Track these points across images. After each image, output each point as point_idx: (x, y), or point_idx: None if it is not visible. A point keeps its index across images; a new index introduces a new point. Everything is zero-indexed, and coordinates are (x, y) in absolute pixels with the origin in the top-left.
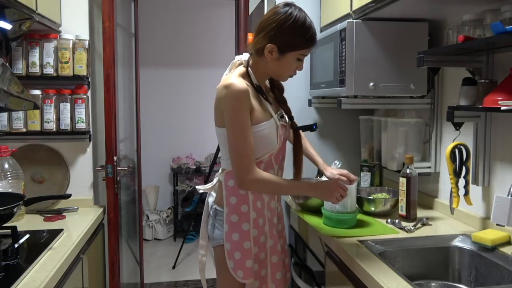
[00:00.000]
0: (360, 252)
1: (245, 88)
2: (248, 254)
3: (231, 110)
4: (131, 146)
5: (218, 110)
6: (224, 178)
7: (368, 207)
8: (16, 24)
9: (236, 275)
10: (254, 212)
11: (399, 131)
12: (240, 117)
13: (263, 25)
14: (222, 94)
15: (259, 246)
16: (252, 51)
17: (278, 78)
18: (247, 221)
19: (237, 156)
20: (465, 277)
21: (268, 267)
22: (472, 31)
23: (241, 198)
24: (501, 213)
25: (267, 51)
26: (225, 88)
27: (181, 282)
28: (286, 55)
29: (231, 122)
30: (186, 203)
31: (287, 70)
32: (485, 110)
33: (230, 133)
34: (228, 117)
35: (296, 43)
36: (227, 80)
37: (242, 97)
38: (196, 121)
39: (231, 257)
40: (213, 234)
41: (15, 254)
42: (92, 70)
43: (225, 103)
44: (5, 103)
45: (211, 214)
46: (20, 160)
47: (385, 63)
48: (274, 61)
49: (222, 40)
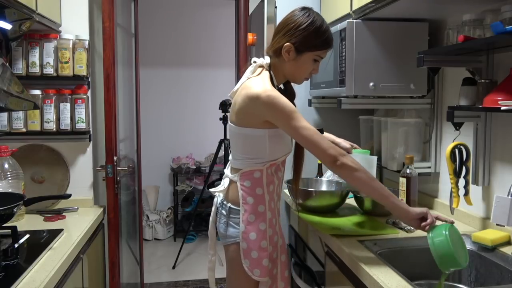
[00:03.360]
0: (360, 252)
1: (279, 94)
2: (264, 253)
3: (287, 111)
4: (131, 146)
5: (251, 114)
6: (239, 178)
7: (368, 207)
8: (16, 24)
9: (252, 274)
10: (269, 212)
11: (399, 131)
12: (296, 113)
13: (281, 26)
14: (264, 102)
15: (273, 245)
16: (270, 52)
17: (294, 80)
18: (263, 221)
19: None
20: (465, 277)
21: (278, 266)
22: (472, 31)
23: (258, 199)
24: (501, 213)
25: (284, 51)
26: (268, 97)
27: (181, 282)
28: (302, 55)
29: (294, 116)
30: (186, 203)
31: (303, 71)
32: (485, 110)
33: (299, 134)
34: (287, 117)
35: (313, 44)
36: (265, 90)
37: (286, 100)
38: (196, 121)
39: (247, 256)
40: (227, 232)
41: (15, 254)
42: (92, 70)
43: (274, 110)
44: (5, 103)
45: (223, 213)
46: (20, 160)
47: (385, 63)
48: (291, 61)
49: (222, 40)
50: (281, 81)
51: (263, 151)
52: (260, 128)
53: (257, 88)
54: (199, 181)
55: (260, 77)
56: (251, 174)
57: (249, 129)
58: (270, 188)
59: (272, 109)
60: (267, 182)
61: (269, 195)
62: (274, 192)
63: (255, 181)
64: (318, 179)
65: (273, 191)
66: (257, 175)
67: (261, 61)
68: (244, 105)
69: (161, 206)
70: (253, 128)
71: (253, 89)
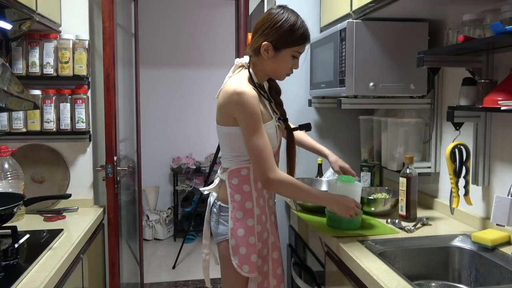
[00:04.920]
0: (360, 252)
1: (256, 95)
2: (253, 249)
3: (248, 115)
4: (131, 146)
5: (226, 111)
6: (227, 176)
7: (368, 207)
8: (16, 24)
9: (241, 270)
10: (257, 208)
11: (399, 131)
12: (257, 121)
13: (259, 26)
14: (234, 99)
15: (262, 241)
16: (250, 52)
17: (276, 77)
18: (251, 217)
19: (259, 157)
20: (465, 277)
21: (270, 263)
22: (472, 31)
23: (245, 195)
24: (501, 213)
25: (263, 49)
26: (238, 95)
27: (181, 282)
28: (280, 52)
29: (249, 126)
30: (186, 203)
31: (283, 67)
32: (485, 110)
33: (249, 137)
34: (245, 122)
35: (289, 40)
36: (239, 87)
37: (255, 104)
38: (196, 121)
39: (236, 253)
40: (218, 230)
41: (15, 254)
42: (92, 70)
43: (240, 109)
44: (5, 103)
45: (214, 211)
46: (20, 160)
47: (385, 63)
48: (270, 59)
49: (222, 40)
50: (262, 78)
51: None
52: (238, 126)
53: (232, 85)
54: (199, 181)
55: (239, 75)
56: (238, 172)
57: (229, 128)
58: (259, 185)
59: (238, 108)
60: (254, 179)
61: (257, 191)
62: (263, 189)
63: (242, 179)
64: (318, 179)
65: (262, 188)
66: (244, 172)
67: (241, 61)
68: (222, 103)
69: (161, 206)
70: (232, 126)
71: (229, 86)
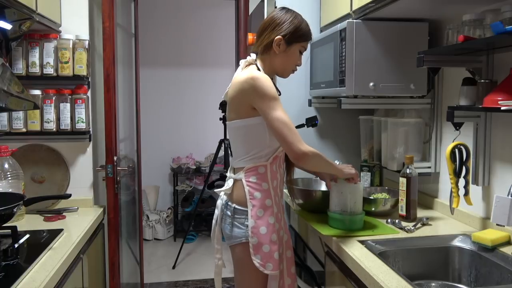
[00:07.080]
0: (360, 252)
1: (269, 79)
2: (275, 246)
3: (266, 95)
4: (131, 146)
5: (240, 101)
6: (244, 175)
7: (368, 207)
8: (16, 24)
9: (264, 269)
10: (275, 206)
11: (399, 131)
12: (276, 99)
13: (267, 24)
14: (249, 84)
15: (279, 240)
16: (259, 49)
17: (282, 73)
18: (272, 215)
19: (288, 131)
20: (465, 277)
21: (284, 262)
22: (472, 31)
23: (264, 193)
24: (501, 213)
25: (275, 44)
26: (252, 79)
27: (181, 282)
28: (292, 46)
29: (270, 105)
30: (186, 203)
31: (291, 62)
32: (485, 110)
33: (271, 115)
34: (264, 103)
35: (298, 35)
36: (251, 73)
37: (271, 85)
38: (196, 121)
39: (258, 252)
40: (232, 233)
41: (15, 254)
42: (92, 70)
43: (257, 93)
44: (5, 103)
45: (228, 213)
46: (20, 160)
47: (385, 63)
48: (282, 53)
49: (222, 40)
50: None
51: (263, 140)
52: (254, 116)
53: (244, 75)
54: (199, 181)
55: (248, 69)
56: (255, 169)
57: (245, 120)
58: (274, 184)
59: (255, 92)
60: (271, 177)
61: (273, 190)
62: (277, 188)
63: (260, 176)
64: (318, 179)
65: (276, 186)
66: (261, 170)
67: (248, 59)
68: (235, 94)
69: (161, 206)
70: (248, 118)
71: (240, 77)
